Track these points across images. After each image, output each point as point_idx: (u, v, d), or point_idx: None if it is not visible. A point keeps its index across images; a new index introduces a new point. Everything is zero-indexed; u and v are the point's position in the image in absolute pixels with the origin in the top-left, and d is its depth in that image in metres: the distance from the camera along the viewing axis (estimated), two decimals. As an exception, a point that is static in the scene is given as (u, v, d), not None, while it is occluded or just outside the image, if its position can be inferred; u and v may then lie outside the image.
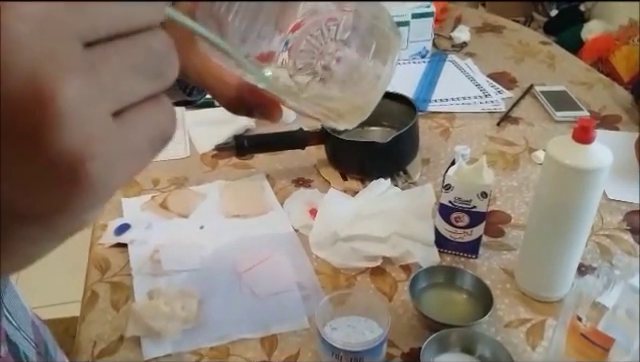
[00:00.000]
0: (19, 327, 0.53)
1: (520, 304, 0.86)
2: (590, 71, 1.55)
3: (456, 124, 1.30)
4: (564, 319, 0.71)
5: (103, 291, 0.89)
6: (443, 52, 1.61)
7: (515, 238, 0.98)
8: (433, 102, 1.37)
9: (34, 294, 2.29)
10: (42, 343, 0.58)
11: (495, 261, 0.94)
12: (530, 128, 1.28)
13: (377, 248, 0.93)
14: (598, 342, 0.67)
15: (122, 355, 0.79)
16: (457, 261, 0.93)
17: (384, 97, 1.24)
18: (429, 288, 0.87)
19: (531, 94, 1.41)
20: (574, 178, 0.76)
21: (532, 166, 1.16)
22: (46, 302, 2.11)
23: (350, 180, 1.11)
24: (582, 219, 0.80)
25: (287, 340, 0.81)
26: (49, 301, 2.11)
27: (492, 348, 0.75)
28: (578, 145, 0.76)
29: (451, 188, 0.88)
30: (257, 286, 0.88)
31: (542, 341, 0.81)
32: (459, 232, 0.91)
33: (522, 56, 1.61)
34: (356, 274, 0.91)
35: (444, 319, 0.80)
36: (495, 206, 1.04)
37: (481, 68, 1.52)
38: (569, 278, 0.85)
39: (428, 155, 1.18)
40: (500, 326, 0.83)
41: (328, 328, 0.76)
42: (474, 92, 1.41)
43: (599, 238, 0.98)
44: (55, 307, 2.06)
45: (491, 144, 1.23)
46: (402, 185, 1.09)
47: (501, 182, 1.11)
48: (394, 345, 0.80)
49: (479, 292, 0.85)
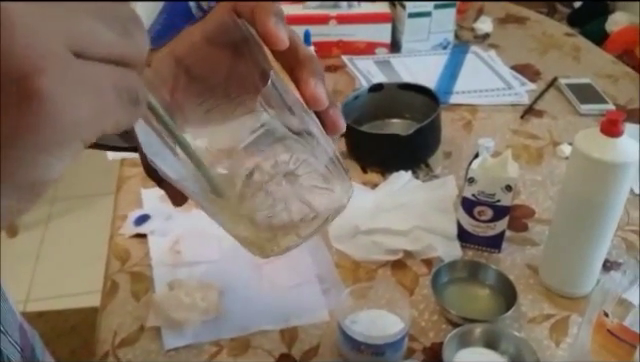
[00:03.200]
0: (5, 331, 0.52)
1: (544, 300, 0.85)
2: (616, 64, 1.52)
3: (478, 117, 1.28)
4: (590, 315, 0.70)
5: (123, 281, 0.89)
6: (465, 43, 1.59)
7: (539, 233, 0.96)
8: (455, 94, 1.35)
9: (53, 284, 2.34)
10: (29, 347, 0.57)
11: (518, 256, 0.92)
12: (554, 121, 1.26)
13: (398, 241, 0.92)
14: (625, 338, 0.66)
15: (143, 345, 0.79)
16: (479, 255, 0.92)
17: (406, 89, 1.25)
18: (451, 282, 0.86)
19: (555, 87, 1.38)
20: (602, 172, 0.75)
21: (557, 160, 1.14)
22: (65, 292, 2.14)
23: (370, 173, 1.10)
24: (609, 214, 0.78)
25: (307, 333, 0.80)
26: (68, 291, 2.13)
27: (515, 344, 0.74)
28: (606, 138, 0.74)
29: (475, 181, 0.87)
30: (277, 278, 0.87)
31: (566, 337, 0.79)
32: (482, 226, 0.90)
33: (546, 48, 1.58)
34: (377, 268, 0.90)
35: (466, 314, 0.79)
36: (519, 200, 1.03)
37: (504, 60, 1.50)
38: (594, 274, 0.84)
39: (450, 148, 1.17)
40: (523, 322, 0.82)
41: (348, 321, 0.76)
42: (497, 84, 1.39)
43: (625, 233, 0.96)
44: (74, 297, 2.08)
45: (514, 137, 1.21)
46: (423, 178, 1.07)
47: (525, 176, 1.09)
48: (415, 339, 0.79)
49: (502, 287, 0.84)
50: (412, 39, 1.53)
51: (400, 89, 1.21)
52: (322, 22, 1.49)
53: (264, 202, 0.39)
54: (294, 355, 0.77)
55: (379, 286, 0.81)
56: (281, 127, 0.39)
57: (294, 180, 0.39)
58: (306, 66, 0.40)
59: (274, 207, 0.39)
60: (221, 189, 0.38)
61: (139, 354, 0.78)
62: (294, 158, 0.39)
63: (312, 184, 0.40)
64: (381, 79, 1.38)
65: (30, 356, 0.57)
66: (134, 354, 0.78)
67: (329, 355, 0.77)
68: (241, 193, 0.39)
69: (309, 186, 0.40)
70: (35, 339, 0.60)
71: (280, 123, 0.38)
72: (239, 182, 0.39)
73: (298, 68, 0.40)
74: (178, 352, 0.78)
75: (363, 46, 1.52)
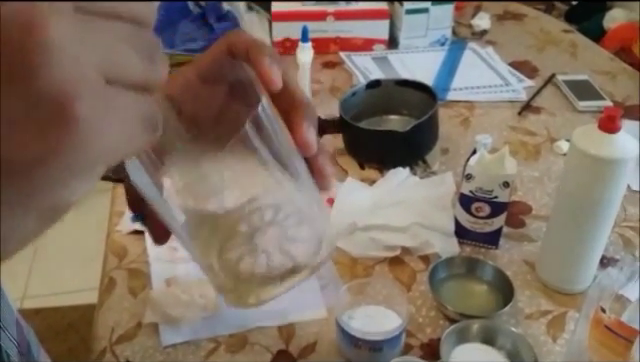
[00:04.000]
0: (5, 328, 0.52)
1: (541, 296, 0.85)
2: (614, 60, 1.52)
3: (476, 113, 1.28)
4: (587, 311, 0.70)
5: (121, 278, 0.89)
6: (463, 40, 1.59)
7: (536, 229, 0.96)
8: (453, 91, 1.35)
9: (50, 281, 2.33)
10: (25, 343, 0.57)
11: (516, 252, 0.92)
12: (552, 118, 1.26)
13: (396, 238, 0.92)
14: (622, 334, 0.66)
15: (140, 341, 0.79)
16: (477, 252, 0.92)
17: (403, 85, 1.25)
18: (448, 279, 0.86)
19: (553, 83, 1.38)
20: (599, 168, 0.75)
21: (554, 156, 1.14)
22: (62, 289, 2.13)
23: (368, 169, 1.10)
24: (606, 210, 0.78)
25: (305, 329, 0.80)
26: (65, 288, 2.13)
27: (513, 340, 0.75)
28: (604, 135, 0.74)
29: (472, 178, 0.87)
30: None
31: (563, 333, 0.79)
32: (479, 222, 0.90)
33: (544, 44, 1.58)
34: (374, 264, 0.90)
35: (464, 310, 0.79)
36: (516, 197, 1.03)
37: (502, 56, 1.50)
38: (591, 270, 0.84)
39: (447, 144, 1.17)
40: (521, 318, 0.82)
41: (346, 317, 0.76)
42: (494, 81, 1.39)
43: (622, 230, 0.96)
44: (71, 294, 2.08)
45: (512, 134, 1.21)
46: (421, 174, 1.07)
47: (522, 172, 1.09)
48: (413, 335, 0.79)
49: (499, 283, 0.84)
50: (410, 35, 1.52)
51: (398, 85, 1.21)
52: (320, 18, 1.49)
53: (249, 252, 0.38)
54: (292, 351, 0.77)
55: (377, 282, 0.81)
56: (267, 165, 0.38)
57: (278, 229, 0.39)
58: (300, 110, 0.40)
59: (257, 258, 0.39)
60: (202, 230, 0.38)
61: (137, 351, 0.77)
62: (278, 204, 0.39)
63: (295, 234, 0.39)
64: (379, 75, 1.38)
65: (26, 352, 0.57)
66: (132, 351, 0.77)
67: (326, 351, 0.77)
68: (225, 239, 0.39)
69: (292, 236, 0.39)
70: (30, 335, 0.60)
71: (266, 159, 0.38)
72: (224, 227, 0.38)
73: (293, 111, 0.40)
74: (175, 349, 0.78)
75: (361, 42, 1.52)
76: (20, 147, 0.22)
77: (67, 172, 0.23)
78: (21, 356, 0.55)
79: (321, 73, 1.44)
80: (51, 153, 0.22)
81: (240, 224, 0.38)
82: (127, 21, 0.23)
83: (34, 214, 0.24)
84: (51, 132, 0.21)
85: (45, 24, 0.20)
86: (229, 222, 0.38)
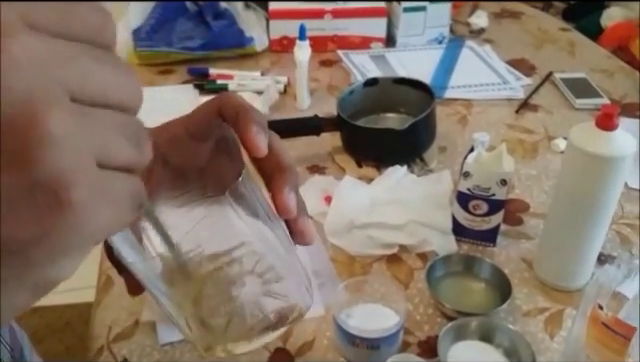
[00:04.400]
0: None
1: (538, 293, 0.85)
2: (611, 58, 1.52)
3: (474, 111, 1.28)
4: (584, 309, 0.70)
5: (118, 276, 0.88)
6: (460, 38, 1.59)
7: (534, 227, 0.96)
8: (450, 89, 1.35)
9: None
10: (18, 347, 0.57)
11: (513, 250, 0.92)
12: (549, 116, 1.26)
13: (393, 236, 0.92)
14: (620, 331, 0.66)
15: (137, 340, 0.79)
16: (474, 249, 0.92)
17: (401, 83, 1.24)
18: (446, 276, 0.86)
19: (550, 81, 1.39)
20: (597, 166, 0.75)
21: (551, 154, 1.14)
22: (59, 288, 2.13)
23: (365, 167, 1.10)
24: (604, 208, 0.78)
25: (303, 327, 0.80)
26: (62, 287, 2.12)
27: (510, 337, 0.75)
28: (601, 132, 0.74)
29: (470, 176, 0.87)
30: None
31: (561, 331, 0.80)
32: (477, 220, 0.90)
33: (541, 43, 1.58)
34: (372, 262, 0.90)
35: (461, 308, 0.79)
36: (514, 194, 1.03)
37: (499, 54, 1.50)
38: (589, 268, 0.84)
39: (445, 142, 1.17)
40: (518, 315, 0.82)
41: (344, 315, 0.76)
42: (492, 79, 1.39)
43: (619, 227, 0.97)
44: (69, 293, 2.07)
45: (509, 132, 1.21)
46: (418, 172, 1.07)
47: (520, 170, 1.09)
48: (410, 333, 0.79)
49: (497, 281, 0.84)
50: (407, 34, 1.52)
51: (395, 83, 1.21)
52: (317, 16, 1.49)
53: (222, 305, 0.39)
54: (289, 349, 0.77)
55: (374, 280, 0.81)
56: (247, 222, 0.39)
57: (257, 281, 0.39)
58: (283, 175, 0.41)
59: (232, 311, 0.39)
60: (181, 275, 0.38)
61: (134, 349, 0.77)
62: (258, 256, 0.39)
63: (274, 289, 0.40)
64: (376, 74, 1.38)
65: (19, 356, 0.57)
66: (129, 349, 0.77)
67: (324, 349, 0.77)
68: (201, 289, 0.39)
69: (271, 291, 0.40)
70: (24, 340, 0.60)
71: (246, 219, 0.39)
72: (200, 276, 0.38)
73: (276, 175, 0.41)
74: (173, 347, 0.78)
75: (358, 41, 1.52)
76: (17, 228, 0.23)
77: (60, 252, 0.24)
78: (13, 360, 0.55)
79: (319, 71, 1.44)
80: (45, 235, 0.23)
81: (218, 273, 0.38)
82: (117, 108, 0.25)
83: (26, 288, 0.26)
84: (47, 216, 0.23)
85: (47, 117, 0.22)
86: (206, 270, 0.38)
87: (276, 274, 0.40)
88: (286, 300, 0.40)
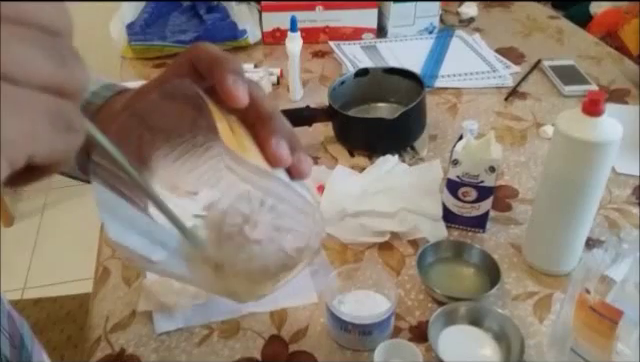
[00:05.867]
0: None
1: (527, 278, 0.87)
2: (599, 45, 1.54)
3: (463, 100, 1.30)
4: (572, 293, 0.71)
5: (115, 268, 0.90)
6: (450, 28, 1.60)
7: (522, 213, 0.98)
8: (440, 78, 1.36)
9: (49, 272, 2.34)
10: (17, 336, 0.57)
11: (502, 235, 0.94)
12: (538, 103, 1.28)
13: (385, 223, 0.93)
14: (607, 315, 0.67)
15: (134, 329, 0.80)
16: (464, 236, 0.94)
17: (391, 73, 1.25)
18: (437, 262, 0.87)
19: (539, 69, 1.40)
20: (584, 151, 0.76)
21: (540, 141, 1.15)
22: (61, 279, 2.15)
23: (357, 156, 1.11)
24: (591, 193, 0.80)
25: (296, 314, 0.82)
26: (64, 278, 2.15)
27: (500, 321, 0.76)
28: (588, 118, 0.75)
29: (459, 163, 0.88)
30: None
31: (549, 314, 0.81)
32: (467, 207, 0.92)
33: (530, 31, 1.59)
34: (364, 249, 0.92)
35: (451, 293, 0.80)
36: (503, 181, 1.04)
37: (489, 43, 1.51)
38: (577, 252, 0.86)
39: (435, 131, 1.18)
40: (507, 299, 0.83)
41: (336, 302, 0.77)
42: (481, 67, 1.41)
43: (607, 212, 0.98)
44: (70, 284, 2.10)
45: (499, 119, 1.22)
46: (409, 161, 1.09)
47: (509, 157, 1.10)
48: (402, 318, 0.80)
49: (486, 266, 0.85)
50: (398, 24, 1.53)
51: (386, 73, 1.22)
52: (309, 8, 1.49)
53: (241, 248, 0.38)
54: (283, 336, 0.79)
55: (366, 267, 0.82)
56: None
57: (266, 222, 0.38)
58: (267, 124, 0.39)
59: (251, 252, 0.38)
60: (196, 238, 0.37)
61: (131, 338, 0.79)
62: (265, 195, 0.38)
63: (284, 226, 0.39)
64: (368, 64, 1.39)
65: (19, 345, 0.57)
66: (126, 339, 0.79)
67: (318, 336, 0.79)
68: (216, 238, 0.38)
69: (282, 228, 0.39)
70: (24, 329, 0.61)
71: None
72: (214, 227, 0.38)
73: (259, 125, 0.39)
74: (169, 336, 0.79)
75: (350, 32, 1.53)
76: None
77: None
78: (13, 349, 0.55)
79: (311, 62, 1.45)
80: None
81: (228, 217, 0.38)
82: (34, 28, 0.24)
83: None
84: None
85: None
86: (217, 218, 0.38)
87: (284, 210, 0.39)
88: (300, 234, 0.40)
